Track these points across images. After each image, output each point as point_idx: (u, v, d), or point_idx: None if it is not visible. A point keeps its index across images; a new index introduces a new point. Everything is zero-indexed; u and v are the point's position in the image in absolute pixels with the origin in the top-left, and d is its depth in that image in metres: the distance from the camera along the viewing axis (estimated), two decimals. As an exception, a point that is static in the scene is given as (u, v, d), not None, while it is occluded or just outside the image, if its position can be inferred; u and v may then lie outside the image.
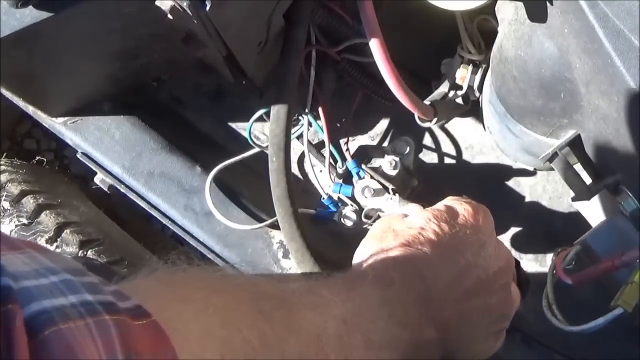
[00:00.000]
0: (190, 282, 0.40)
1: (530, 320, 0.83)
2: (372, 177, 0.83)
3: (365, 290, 0.50)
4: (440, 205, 0.60)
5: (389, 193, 0.82)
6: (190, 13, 0.64)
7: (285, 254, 0.90)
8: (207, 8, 0.63)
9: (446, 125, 0.96)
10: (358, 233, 0.85)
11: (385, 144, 0.97)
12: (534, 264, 0.92)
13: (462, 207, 0.58)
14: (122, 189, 0.92)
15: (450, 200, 0.60)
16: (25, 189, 0.98)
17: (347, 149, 0.93)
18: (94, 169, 0.93)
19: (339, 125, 0.96)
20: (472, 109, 0.91)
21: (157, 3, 0.64)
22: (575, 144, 0.68)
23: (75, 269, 0.30)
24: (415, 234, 0.55)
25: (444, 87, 0.89)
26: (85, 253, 0.93)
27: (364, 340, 0.46)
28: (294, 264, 0.80)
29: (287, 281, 0.48)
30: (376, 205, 0.82)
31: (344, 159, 0.91)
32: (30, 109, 0.93)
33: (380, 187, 0.82)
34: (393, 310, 0.49)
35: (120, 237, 1.03)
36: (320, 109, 0.89)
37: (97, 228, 0.99)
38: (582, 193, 0.68)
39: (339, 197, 0.85)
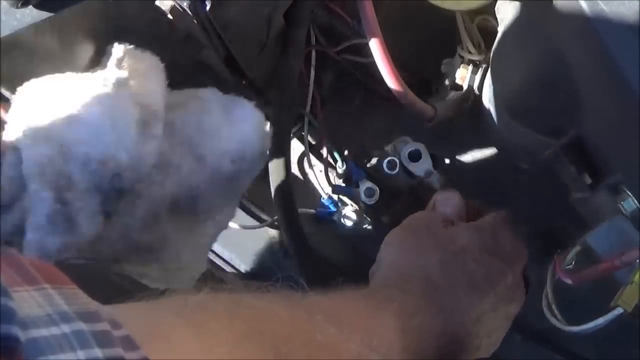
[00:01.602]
0: (217, 328, 0.39)
1: (530, 320, 0.83)
2: (371, 177, 0.83)
3: (387, 320, 0.49)
4: (486, 224, 0.60)
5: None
6: (190, 13, 0.64)
7: (285, 254, 0.90)
8: (207, 8, 0.63)
9: (446, 126, 0.96)
10: (358, 233, 0.85)
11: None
12: (534, 264, 0.92)
13: (505, 236, 0.59)
14: (122, 189, 0.92)
15: (496, 222, 0.61)
16: (25, 189, 0.98)
17: (347, 149, 0.92)
18: (94, 169, 0.93)
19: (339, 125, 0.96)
20: (472, 109, 0.91)
21: (157, 3, 0.64)
22: (575, 144, 0.68)
23: (89, 313, 0.30)
24: (456, 252, 0.55)
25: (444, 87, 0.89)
26: (85, 253, 0.93)
27: None
28: (294, 264, 0.80)
29: (312, 309, 0.47)
30: (413, 169, 0.81)
31: (344, 159, 0.91)
32: (30, 109, 0.93)
33: None
34: (409, 342, 0.49)
35: (120, 237, 1.02)
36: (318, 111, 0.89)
37: (97, 228, 0.99)
38: (582, 193, 0.68)
39: (339, 197, 0.85)
